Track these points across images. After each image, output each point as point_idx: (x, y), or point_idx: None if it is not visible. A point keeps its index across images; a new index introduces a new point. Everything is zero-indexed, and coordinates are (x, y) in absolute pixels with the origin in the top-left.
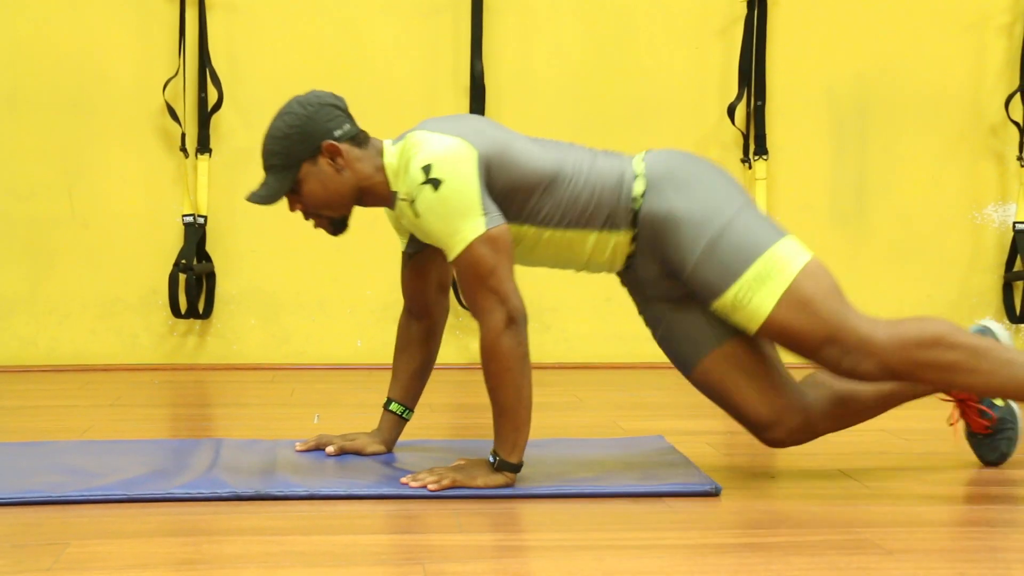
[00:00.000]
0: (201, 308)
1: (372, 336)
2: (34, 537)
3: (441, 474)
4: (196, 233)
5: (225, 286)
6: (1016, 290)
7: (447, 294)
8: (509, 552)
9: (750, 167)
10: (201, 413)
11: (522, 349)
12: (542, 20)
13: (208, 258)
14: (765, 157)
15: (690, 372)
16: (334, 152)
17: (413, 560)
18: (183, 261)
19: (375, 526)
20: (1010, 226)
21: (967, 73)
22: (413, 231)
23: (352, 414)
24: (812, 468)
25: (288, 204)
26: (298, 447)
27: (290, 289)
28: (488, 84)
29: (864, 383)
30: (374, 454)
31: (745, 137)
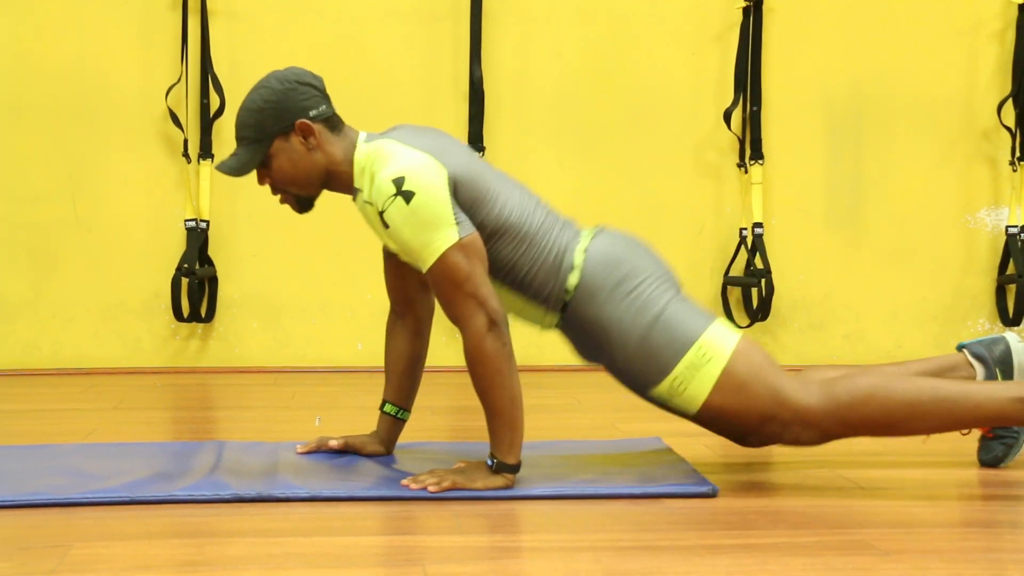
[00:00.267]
0: (203, 312)
1: (372, 339)
2: (38, 539)
3: (441, 476)
4: (198, 237)
5: (227, 290)
6: (1009, 293)
7: (430, 291)
8: (508, 553)
9: (746, 171)
10: (203, 416)
11: (507, 349)
12: (541, 26)
13: (210, 262)
14: (761, 162)
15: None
16: (307, 131)
17: (413, 561)
18: (185, 265)
19: (376, 528)
20: (1003, 230)
21: (960, 78)
22: (381, 238)
23: (353, 416)
24: (808, 469)
25: (257, 177)
26: (299, 449)
27: (291, 293)
28: (487, 90)
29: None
30: (372, 454)
31: (741, 142)
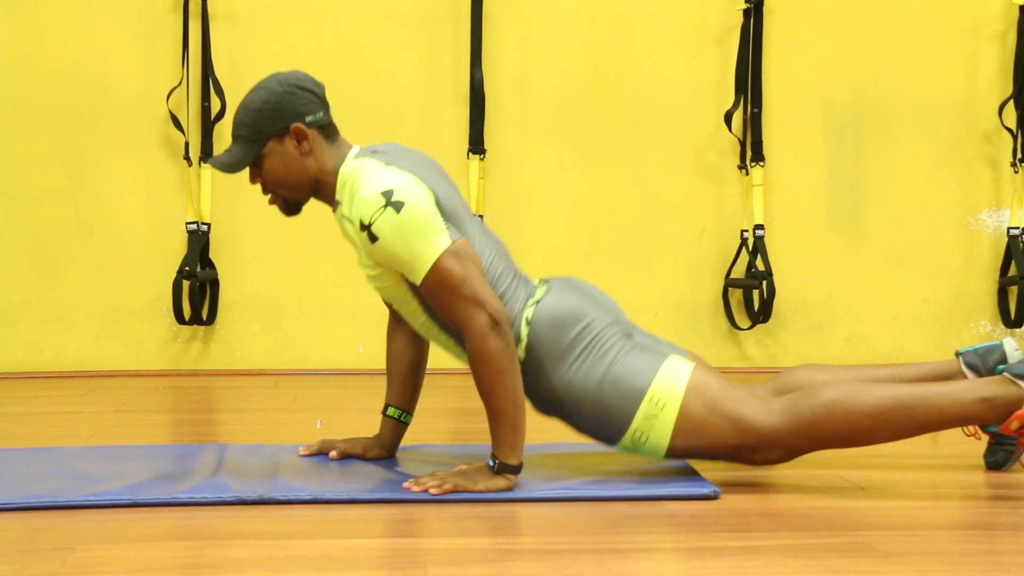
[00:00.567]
0: (205, 314)
1: (374, 342)
2: (40, 542)
3: (443, 478)
4: (200, 240)
5: (228, 293)
6: (1011, 295)
7: None
8: (510, 556)
9: (747, 174)
10: (205, 418)
11: (511, 350)
12: (541, 28)
13: (212, 265)
14: (762, 164)
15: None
16: (301, 135)
17: (415, 564)
18: (187, 268)
19: (377, 530)
20: (1004, 231)
21: (961, 80)
22: (367, 254)
23: (354, 419)
24: (810, 472)
25: (249, 175)
26: (301, 452)
27: (292, 295)
28: (488, 92)
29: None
30: (375, 459)
31: (742, 144)
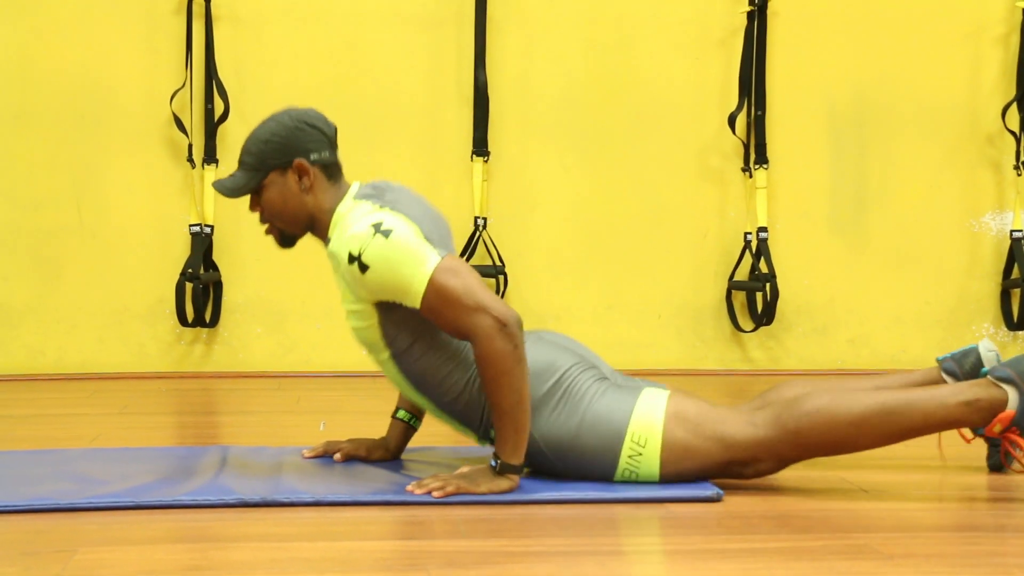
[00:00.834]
0: (208, 317)
1: None
2: (43, 544)
3: (446, 480)
4: (203, 243)
5: (231, 295)
6: (1014, 297)
7: None
8: (513, 558)
9: (751, 176)
10: (208, 421)
11: (519, 352)
12: (544, 31)
13: (215, 267)
14: (765, 166)
15: None
16: (303, 171)
17: (418, 566)
18: (190, 270)
19: (380, 532)
20: (1007, 234)
21: (964, 83)
22: (356, 287)
23: (357, 421)
24: (812, 474)
25: (249, 203)
26: (306, 454)
27: (296, 298)
28: (491, 95)
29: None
30: (379, 460)
31: (745, 146)
